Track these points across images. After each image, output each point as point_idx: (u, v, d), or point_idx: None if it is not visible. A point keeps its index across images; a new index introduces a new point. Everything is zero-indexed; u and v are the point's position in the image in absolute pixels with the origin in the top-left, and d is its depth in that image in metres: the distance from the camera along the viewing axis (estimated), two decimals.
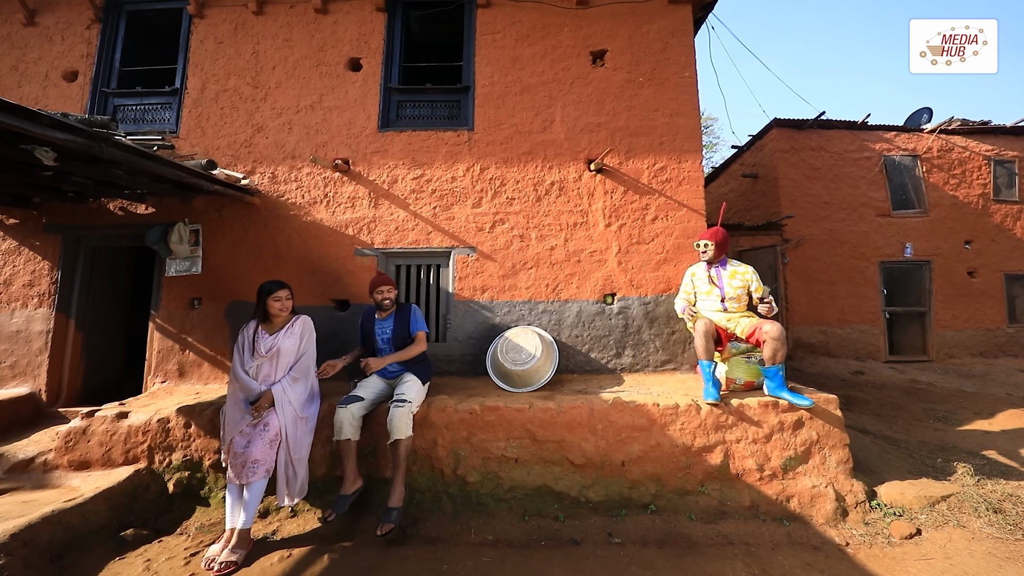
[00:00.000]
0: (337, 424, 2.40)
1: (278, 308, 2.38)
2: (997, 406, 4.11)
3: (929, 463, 2.99)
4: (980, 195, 6.57)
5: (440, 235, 3.51)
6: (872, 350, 6.26)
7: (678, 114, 3.57)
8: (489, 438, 2.59)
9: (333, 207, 3.56)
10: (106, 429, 2.69)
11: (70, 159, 2.37)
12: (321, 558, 2.13)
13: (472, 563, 2.09)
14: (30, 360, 3.45)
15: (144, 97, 3.82)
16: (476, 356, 3.37)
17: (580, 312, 3.41)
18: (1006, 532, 2.16)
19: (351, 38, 3.76)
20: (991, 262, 6.50)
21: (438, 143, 3.62)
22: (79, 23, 3.88)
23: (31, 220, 3.63)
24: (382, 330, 2.73)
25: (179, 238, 3.37)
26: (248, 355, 2.31)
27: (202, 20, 3.83)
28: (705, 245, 2.87)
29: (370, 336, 2.76)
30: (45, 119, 2.01)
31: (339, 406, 2.43)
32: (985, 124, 6.58)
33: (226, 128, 3.68)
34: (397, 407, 2.38)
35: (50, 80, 3.82)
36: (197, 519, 2.50)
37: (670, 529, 2.36)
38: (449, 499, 2.55)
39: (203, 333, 3.47)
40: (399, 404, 2.39)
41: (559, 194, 3.53)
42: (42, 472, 2.64)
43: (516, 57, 3.69)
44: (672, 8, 3.72)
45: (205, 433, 2.68)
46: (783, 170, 6.53)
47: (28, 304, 3.52)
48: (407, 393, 2.47)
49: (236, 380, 2.28)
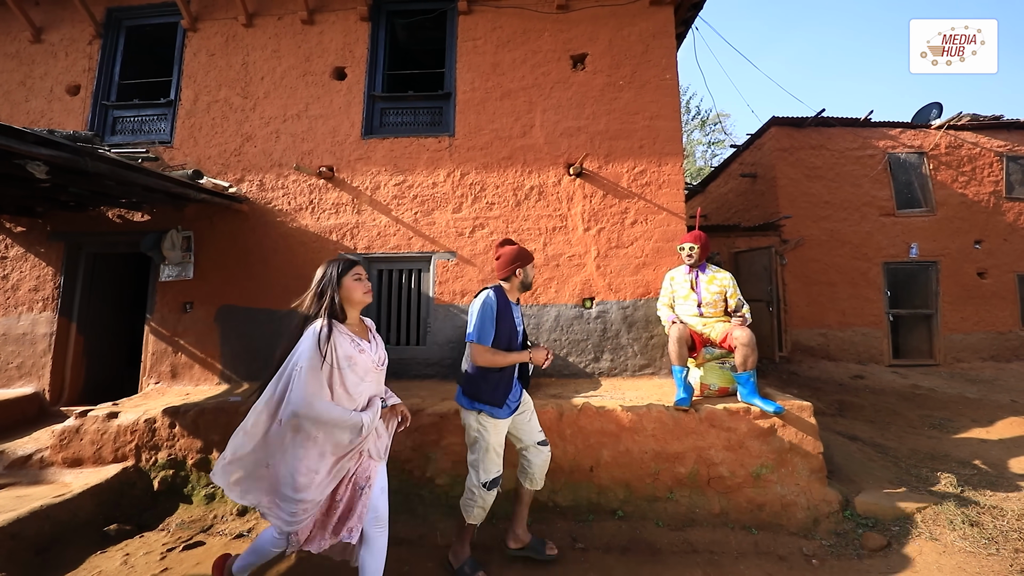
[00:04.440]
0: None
1: (363, 292, 1.61)
2: (998, 413, 3.96)
3: (914, 472, 2.91)
4: (991, 193, 6.31)
5: (421, 240, 3.57)
6: (875, 353, 6.08)
7: (659, 117, 3.55)
8: (459, 441, 2.62)
9: (318, 213, 3.65)
10: (97, 428, 2.82)
11: (61, 172, 2.50)
12: (288, 557, 2.20)
13: (433, 565, 2.14)
14: (35, 361, 3.63)
15: (141, 109, 3.98)
16: (455, 360, 3.41)
17: (559, 316, 3.42)
18: (980, 546, 2.09)
19: (336, 47, 3.85)
20: (1003, 262, 6.24)
21: (420, 149, 3.68)
22: (81, 39, 4.06)
23: (36, 228, 3.82)
24: (519, 318, 2.06)
25: (172, 244, 3.51)
26: (353, 376, 1.53)
27: (195, 33, 3.97)
28: (691, 248, 2.84)
29: (511, 324, 1.97)
30: (30, 137, 2.13)
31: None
32: (997, 119, 6.32)
33: (217, 138, 3.81)
34: (544, 448, 2.10)
35: (55, 94, 4.01)
36: (179, 516, 2.61)
37: (636, 536, 2.36)
38: (419, 501, 2.60)
39: (195, 336, 3.60)
40: (544, 444, 2.10)
41: (539, 199, 3.55)
42: (38, 468, 2.79)
43: (497, 63, 3.72)
44: (654, 10, 3.69)
45: (189, 433, 2.79)
46: (782, 169, 6.39)
47: (33, 308, 3.70)
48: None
49: (338, 425, 1.48)
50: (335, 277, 1.57)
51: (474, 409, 1.94)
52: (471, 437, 1.99)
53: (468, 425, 1.99)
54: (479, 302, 1.95)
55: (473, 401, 1.94)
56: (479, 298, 1.98)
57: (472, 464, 1.99)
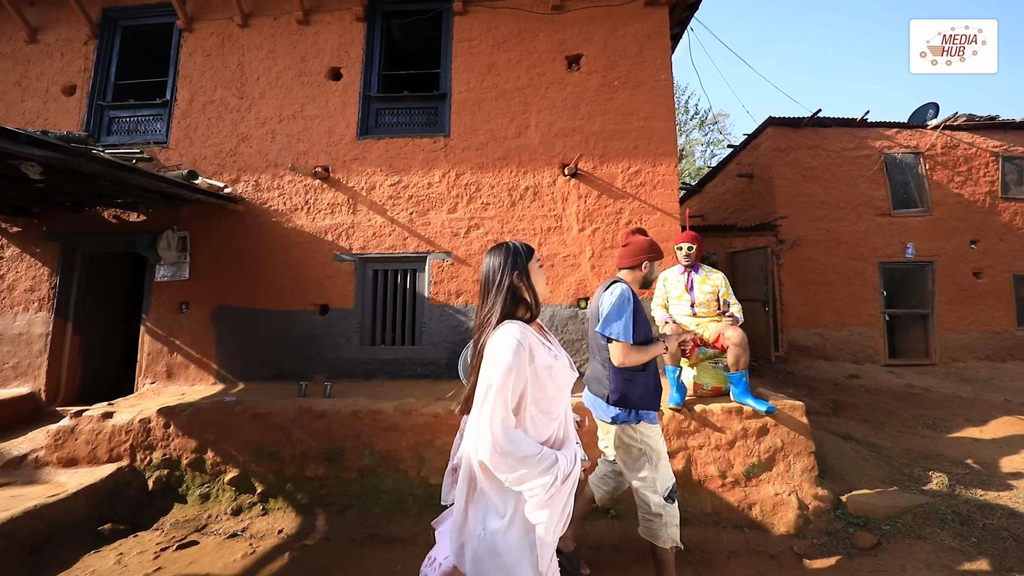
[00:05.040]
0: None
1: (544, 283, 1.27)
2: (992, 413, 3.97)
3: (906, 472, 2.92)
4: (987, 193, 6.33)
5: (416, 240, 3.58)
6: (871, 353, 6.10)
7: (653, 117, 3.56)
8: (453, 441, 2.63)
9: (313, 214, 3.66)
10: (92, 428, 2.83)
11: (55, 173, 2.51)
12: (282, 555, 2.21)
13: None
14: (31, 361, 3.64)
15: (137, 109, 3.98)
16: (450, 360, 3.42)
17: (553, 316, 3.43)
18: (970, 545, 2.11)
19: (332, 48, 3.85)
20: (998, 262, 6.26)
21: (415, 150, 3.68)
22: (77, 39, 4.07)
23: (32, 228, 3.82)
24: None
25: (167, 244, 3.52)
26: (553, 388, 1.16)
27: (191, 34, 3.97)
28: (689, 248, 2.85)
29: (644, 317, 1.75)
30: (23, 137, 2.13)
31: None
32: (993, 119, 6.34)
33: (212, 138, 3.81)
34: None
35: (50, 95, 4.01)
36: (173, 515, 2.62)
37: (628, 534, 2.37)
38: (414, 500, 2.61)
39: (190, 336, 3.60)
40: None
41: (533, 199, 3.56)
42: (33, 468, 2.80)
43: (492, 63, 3.73)
44: (649, 11, 3.70)
45: (184, 433, 2.79)
46: (778, 169, 6.40)
47: (29, 308, 3.71)
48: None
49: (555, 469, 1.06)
50: (523, 264, 1.19)
51: (631, 420, 1.67)
52: (634, 453, 1.67)
53: (626, 442, 1.68)
54: (614, 295, 1.64)
55: (629, 411, 1.68)
56: (612, 291, 1.67)
57: (645, 482, 1.68)
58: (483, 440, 1.00)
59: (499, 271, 1.19)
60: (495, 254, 1.22)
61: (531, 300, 1.19)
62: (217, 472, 2.74)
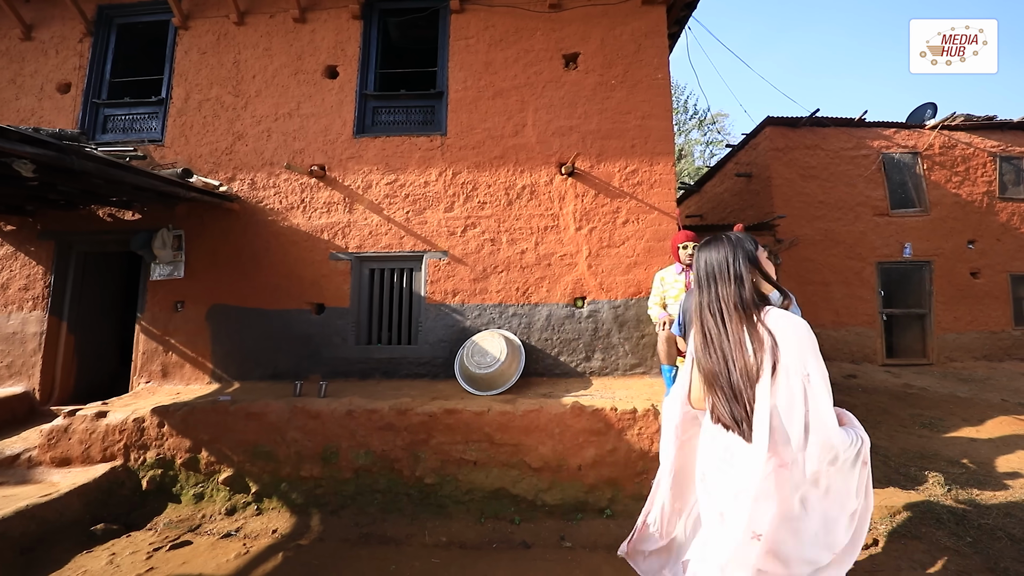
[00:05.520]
0: None
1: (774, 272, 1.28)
2: (989, 412, 3.98)
3: (903, 471, 2.92)
4: (985, 193, 6.34)
5: (412, 239, 3.57)
6: (868, 353, 6.10)
7: (650, 116, 3.55)
8: (448, 440, 2.63)
9: (309, 212, 3.64)
10: (86, 428, 2.81)
11: (48, 171, 2.49)
12: (275, 555, 2.20)
13: (420, 564, 2.14)
14: (25, 360, 3.62)
15: (132, 107, 3.96)
16: (446, 359, 3.41)
17: (550, 316, 3.42)
18: (965, 544, 2.10)
19: (328, 46, 3.84)
20: (996, 262, 6.27)
21: (412, 148, 3.67)
22: (72, 37, 4.04)
23: (27, 227, 3.80)
24: None
25: (162, 243, 3.50)
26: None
27: (187, 32, 3.95)
28: (694, 247, 2.85)
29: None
30: (14, 135, 2.12)
31: None
32: (990, 119, 6.34)
33: (208, 136, 3.79)
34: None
35: (45, 92, 3.99)
36: (167, 515, 2.61)
37: (624, 534, 2.33)
38: (408, 500, 2.61)
39: (185, 335, 3.59)
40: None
41: (530, 198, 3.54)
42: (26, 468, 2.78)
43: (489, 62, 3.71)
44: (646, 9, 3.69)
45: (178, 433, 2.78)
46: (776, 169, 6.40)
47: (24, 307, 3.69)
48: None
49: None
50: (755, 256, 1.11)
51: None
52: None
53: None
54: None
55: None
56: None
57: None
58: (823, 433, 0.92)
59: (732, 262, 1.09)
60: (722, 247, 1.12)
61: (772, 291, 1.11)
62: (211, 472, 2.73)
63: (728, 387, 1.05)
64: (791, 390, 0.97)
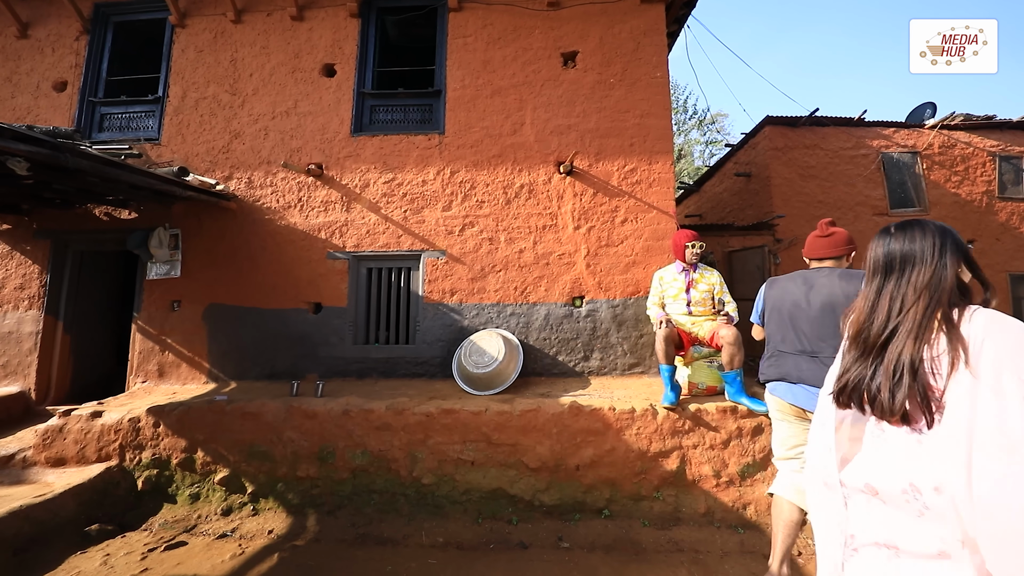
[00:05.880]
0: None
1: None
2: None
3: None
4: (984, 192, 6.33)
5: (410, 238, 3.55)
6: None
7: (649, 115, 3.53)
8: (445, 440, 2.62)
9: (307, 211, 3.63)
10: (81, 427, 2.79)
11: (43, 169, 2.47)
12: (271, 556, 2.18)
13: (416, 565, 2.12)
14: (20, 360, 3.60)
15: (129, 106, 3.94)
16: (444, 359, 3.40)
17: (548, 315, 3.41)
18: None
19: (326, 44, 3.82)
20: (995, 262, 6.26)
21: (409, 147, 3.65)
22: (68, 35, 4.02)
23: (22, 226, 3.78)
24: None
25: (159, 242, 3.48)
26: None
27: (183, 30, 3.93)
28: (701, 247, 2.83)
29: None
30: (7, 132, 2.10)
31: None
32: (990, 119, 6.33)
33: (205, 135, 3.77)
34: None
35: (41, 90, 3.97)
36: (163, 516, 2.59)
37: (621, 535, 2.35)
38: (406, 500, 2.59)
39: (182, 335, 3.57)
40: None
41: (528, 197, 3.53)
42: (21, 468, 2.76)
43: (487, 60, 3.70)
44: (645, 8, 3.68)
45: (174, 433, 2.76)
46: (776, 168, 6.38)
47: (19, 306, 3.67)
48: None
49: None
50: (964, 245, 0.92)
51: None
52: None
53: None
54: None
55: None
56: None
57: None
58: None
59: (934, 255, 0.87)
60: (929, 234, 0.89)
61: (985, 293, 0.88)
62: (207, 472, 2.71)
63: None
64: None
